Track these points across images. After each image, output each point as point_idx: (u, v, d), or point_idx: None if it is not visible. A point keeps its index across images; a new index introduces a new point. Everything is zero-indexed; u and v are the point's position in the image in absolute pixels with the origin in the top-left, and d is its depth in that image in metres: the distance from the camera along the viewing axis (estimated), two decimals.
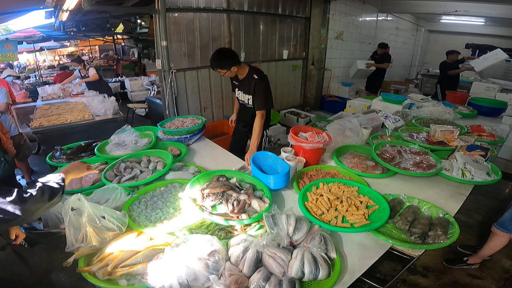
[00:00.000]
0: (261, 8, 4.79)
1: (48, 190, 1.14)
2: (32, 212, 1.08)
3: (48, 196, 1.12)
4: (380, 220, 1.41)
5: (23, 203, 1.04)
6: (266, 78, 2.36)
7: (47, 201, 1.12)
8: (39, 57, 11.84)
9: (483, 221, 2.86)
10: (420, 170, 1.89)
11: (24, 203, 1.04)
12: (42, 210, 1.13)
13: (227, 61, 2.22)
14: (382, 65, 6.11)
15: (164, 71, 3.78)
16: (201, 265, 1.06)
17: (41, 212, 1.14)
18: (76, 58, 5.64)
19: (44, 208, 1.13)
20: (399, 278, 2.18)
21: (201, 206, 1.49)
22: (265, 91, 2.31)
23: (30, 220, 1.14)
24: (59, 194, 1.17)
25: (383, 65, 6.11)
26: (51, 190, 1.14)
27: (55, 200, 1.15)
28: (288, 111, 5.52)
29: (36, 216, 1.13)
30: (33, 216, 1.11)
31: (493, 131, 2.69)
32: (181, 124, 2.56)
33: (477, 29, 8.83)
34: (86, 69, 5.42)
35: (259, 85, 2.29)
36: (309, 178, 1.86)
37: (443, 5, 6.35)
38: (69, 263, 1.21)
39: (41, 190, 1.11)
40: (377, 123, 2.78)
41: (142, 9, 5.42)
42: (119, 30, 10.12)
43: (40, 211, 1.13)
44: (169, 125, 2.57)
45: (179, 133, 2.43)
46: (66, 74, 7.32)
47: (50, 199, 1.13)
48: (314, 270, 1.10)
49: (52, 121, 3.20)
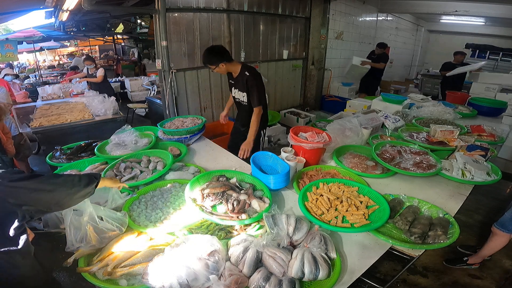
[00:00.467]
0: (261, 8, 4.79)
1: (85, 177, 1.21)
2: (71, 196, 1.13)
3: (85, 182, 1.18)
4: (380, 220, 1.41)
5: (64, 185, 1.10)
6: (259, 75, 2.41)
7: (83, 186, 1.17)
8: (39, 57, 11.84)
9: (483, 221, 2.86)
10: (420, 170, 1.89)
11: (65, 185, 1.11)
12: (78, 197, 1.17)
13: (216, 57, 2.28)
14: (377, 64, 5.83)
15: (164, 71, 3.78)
16: (201, 265, 1.06)
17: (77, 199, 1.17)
18: (89, 57, 5.74)
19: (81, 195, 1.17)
20: (399, 278, 2.18)
21: (201, 206, 1.49)
22: (258, 87, 2.35)
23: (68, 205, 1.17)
24: (94, 185, 1.22)
25: (378, 64, 5.83)
26: (88, 178, 1.21)
27: (90, 189, 1.20)
28: (288, 111, 5.52)
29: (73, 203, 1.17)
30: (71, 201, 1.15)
31: (493, 131, 2.69)
32: (181, 124, 2.56)
33: (477, 29, 8.83)
34: (96, 68, 5.47)
35: (251, 82, 2.34)
36: (309, 178, 1.86)
37: (443, 5, 6.35)
38: (69, 263, 1.21)
39: (78, 176, 1.19)
40: (377, 123, 2.78)
41: (142, 9, 5.42)
42: (119, 30, 10.12)
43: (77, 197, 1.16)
44: (169, 125, 2.57)
45: (179, 133, 2.43)
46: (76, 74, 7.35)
47: (86, 186, 1.18)
48: (314, 270, 1.10)
49: (52, 121, 3.21)
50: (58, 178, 1.15)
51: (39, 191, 1.04)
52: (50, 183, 1.08)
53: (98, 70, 5.39)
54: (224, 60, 2.29)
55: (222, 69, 2.34)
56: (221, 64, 2.29)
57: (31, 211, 1.04)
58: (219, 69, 2.34)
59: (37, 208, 1.06)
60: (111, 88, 5.83)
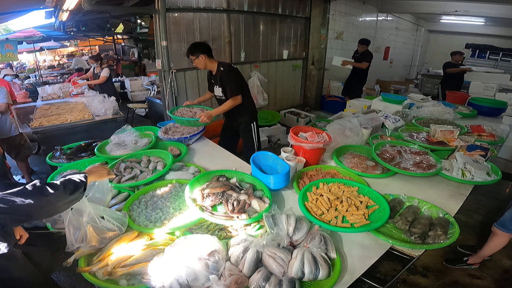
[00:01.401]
0: (261, 8, 4.80)
1: (70, 184, 1.14)
2: (54, 206, 1.09)
3: (70, 190, 1.12)
4: (380, 220, 1.41)
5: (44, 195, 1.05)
6: (234, 69, 2.58)
7: (68, 195, 1.11)
8: (39, 57, 11.84)
9: (483, 221, 2.86)
10: (420, 170, 1.89)
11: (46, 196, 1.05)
12: (64, 205, 1.13)
13: (198, 49, 2.49)
14: (359, 64, 5.29)
15: (164, 71, 3.78)
16: (201, 265, 1.06)
17: (63, 207, 1.14)
18: (95, 55, 5.67)
19: (66, 202, 1.13)
20: (399, 278, 2.18)
21: (201, 206, 1.49)
22: (231, 79, 2.50)
23: (52, 214, 1.14)
24: (80, 190, 1.17)
25: (360, 64, 5.28)
26: (73, 184, 1.15)
27: (76, 195, 1.15)
28: (288, 111, 5.52)
29: (59, 210, 1.14)
30: (55, 210, 1.12)
31: (493, 131, 2.69)
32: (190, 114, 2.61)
33: (477, 29, 8.84)
34: (101, 68, 5.36)
35: (225, 76, 2.52)
36: (309, 178, 1.86)
37: (443, 5, 6.35)
38: (69, 263, 1.21)
39: (63, 184, 1.11)
40: (377, 123, 2.78)
41: (142, 9, 5.42)
42: (119, 30, 10.12)
43: (63, 205, 1.12)
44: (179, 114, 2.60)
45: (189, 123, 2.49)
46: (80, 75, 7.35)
47: (71, 193, 1.13)
48: (314, 270, 1.10)
49: (52, 121, 3.20)
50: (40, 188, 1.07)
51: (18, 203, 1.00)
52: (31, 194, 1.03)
53: (103, 71, 5.28)
54: (204, 52, 2.49)
55: (201, 62, 2.52)
56: (201, 55, 2.48)
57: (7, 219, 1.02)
58: (199, 61, 2.52)
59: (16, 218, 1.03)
60: (114, 89, 5.71)
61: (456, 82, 5.60)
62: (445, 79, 5.87)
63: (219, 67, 2.56)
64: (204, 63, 2.54)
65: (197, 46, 2.51)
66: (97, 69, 5.39)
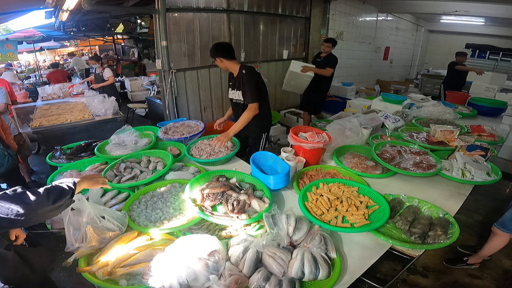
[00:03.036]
0: (261, 8, 4.80)
1: (55, 191, 1.10)
2: (36, 214, 1.04)
3: (54, 198, 1.08)
4: (380, 220, 1.41)
5: (26, 204, 1.01)
6: (255, 73, 2.41)
7: (51, 203, 1.07)
8: (39, 57, 11.85)
9: (483, 221, 2.86)
10: (420, 170, 1.89)
11: (28, 204, 1.01)
12: (47, 212, 1.09)
13: (218, 51, 2.37)
14: (323, 71, 4.17)
15: (164, 71, 3.78)
16: (201, 265, 1.06)
17: (48, 214, 1.10)
18: (94, 56, 5.55)
19: (49, 210, 1.08)
20: (399, 278, 2.18)
21: (201, 206, 1.49)
22: (251, 84, 2.34)
23: (35, 221, 1.09)
24: (66, 197, 1.12)
25: (324, 71, 4.17)
26: (58, 192, 1.10)
27: (61, 202, 1.11)
28: (288, 111, 5.52)
29: (42, 218, 1.10)
30: (38, 217, 1.08)
31: (493, 131, 2.69)
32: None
33: (477, 29, 8.84)
34: (102, 68, 5.22)
35: (245, 79, 2.36)
36: (309, 178, 1.86)
37: (443, 5, 6.34)
38: (69, 263, 1.21)
39: (46, 191, 1.07)
40: (377, 123, 2.78)
41: (142, 9, 5.42)
42: (119, 30, 10.12)
43: (45, 212, 1.08)
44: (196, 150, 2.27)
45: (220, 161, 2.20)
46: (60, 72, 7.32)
47: (55, 201, 1.08)
48: (314, 270, 1.10)
49: (52, 121, 3.21)
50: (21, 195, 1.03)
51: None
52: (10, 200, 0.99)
53: (105, 71, 5.15)
54: (223, 55, 2.36)
55: (221, 64, 2.41)
56: (218, 58, 2.37)
57: None
58: (219, 63, 2.42)
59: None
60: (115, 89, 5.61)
61: (458, 83, 5.59)
62: (448, 79, 5.86)
63: (241, 70, 2.40)
64: (224, 65, 2.42)
65: (217, 48, 2.39)
66: (99, 69, 5.28)
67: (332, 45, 4.22)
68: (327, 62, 4.21)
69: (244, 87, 2.37)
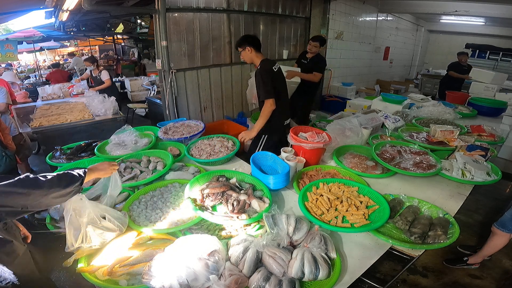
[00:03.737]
0: (261, 8, 4.79)
1: (66, 177, 1.14)
2: (48, 197, 1.07)
3: (65, 183, 1.12)
4: (380, 220, 1.41)
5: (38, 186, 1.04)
6: (266, 69, 2.36)
7: (62, 188, 1.10)
8: (39, 57, 11.85)
9: (483, 221, 2.86)
10: (420, 170, 1.89)
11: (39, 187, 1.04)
12: (57, 198, 1.11)
13: (246, 40, 2.38)
14: (309, 76, 3.67)
15: (164, 71, 3.78)
16: (201, 265, 1.06)
17: (58, 200, 1.13)
18: (90, 57, 5.43)
19: (60, 195, 1.11)
20: (399, 278, 2.18)
21: (201, 206, 1.49)
22: (260, 80, 2.33)
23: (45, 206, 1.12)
24: (76, 184, 1.16)
25: (311, 76, 3.67)
26: (69, 178, 1.14)
27: (71, 189, 1.14)
28: None
29: (52, 203, 1.13)
30: (49, 201, 1.10)
31: (493, 131, 2.69)
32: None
33: (477, 29, 8.83)
34: (99, 70, 5.15)
35: (257, 75, 2.37)
36: (309, 178, 1.86)
37: (443, 5, 6.34)
38: (69, 263, 1.21)
39: (58, 176, 1.11)
40: (377, 123, 2.78)
41: (142, 9, 5.42)
42: (119, 30, 10.12)
43: (56, 198, 1.11)
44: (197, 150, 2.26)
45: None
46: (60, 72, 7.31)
47: (66, 186, 1.11)
48: (314, 270, 1.10)
49: (52, 121, 3.21)
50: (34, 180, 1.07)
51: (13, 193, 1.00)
52: (25, 185, 1.03)
53: (102, 73, 5.09)
54: (251, 45, 2.36)
55: (248, 54, 2.40)
56: (247, 47, 2.36)
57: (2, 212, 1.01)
58: (245, 54, 2.41)
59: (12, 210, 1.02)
60: (116, 89, 5.54)
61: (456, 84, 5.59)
62: (446, 80, 5.87)
63: (260, 64, 2.40)
64: (250, 57, 2.41)
65: (246, 38, 2.41)
66: (95, 71, 5.18)
67: (320, 44, 3.74)
68: (315, 64, 3.74)
69: (257, 84, 2.38)
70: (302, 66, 3.89)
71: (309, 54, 3.86)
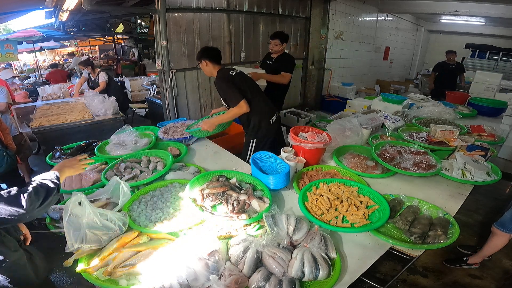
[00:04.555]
0: (261, 8, 4.80)
1: (42, 190, 1.11)
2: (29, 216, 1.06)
3: (43, 197, 1.09)
4: (380, 220, 1.41)
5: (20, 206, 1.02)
6: (222, 77, 2.34)
7: (40, 203, 1.08)
8: (39, 57, 11.84)
9: (483, 221, 2.86)
10: (420, 170, 1.89)
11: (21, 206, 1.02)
12: (38, 212, 1.10)
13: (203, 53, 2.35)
14: (277, 78, 3.21)
15: (164, 71, 3.78)
16: (201, 265, 1.06)
17: (39, 213, 1.11)
18: (84, 60, 5.16)
19: (40, 208, 1.09)
20: (399, 278, 2.18)
21: (201, 206, 1.49)
22: (222, 89, 2.34)
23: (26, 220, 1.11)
24: (53, 193, 1.14)
25: (278, 78, 3.21)
26: (44, 191, 1.11)
27: (50, 199, 1.13)
28: (288, 111, 5.51)
29: (34, 216, 1.11)
30: (31, 217, 1.09)
31: (493, 131, 2.69)
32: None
33: (477, 29, 8.84)
34: (96, 73, 4.94)
35: (217, 87, 2.38)
36: (309, 178, 1.86)
37: (443, 5, 6.34)
38: (69, 263, 1.21)
39: (35, 190, 1.08)
40: (377, 123, 2.78)
41: (142, 9, 5.43)
42: (119, 30, 10.13)
43: (36, 212, 1.09)
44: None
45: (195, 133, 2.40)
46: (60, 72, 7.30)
47: (44, 200, 1.10)
48: (314, 270, 1.10)
49: (52, 121, 3.20)
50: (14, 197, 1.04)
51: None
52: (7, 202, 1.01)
53: (99, 75, 4.89)
54: (207, 58, 2.33)
55: (205, 67, 2.39)
56: (204, 61, 2.34)
57: None
58: (203, 67, 2.40)
59: None
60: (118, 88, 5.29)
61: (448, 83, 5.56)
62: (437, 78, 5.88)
63: (217, 75, 2.36)
64: (207, 69, 2.37)
65: (202, 51, 2.35)
66: (93, 75, 4.97)
67: (281, 41, 3.25)
68: (281, 64, 3.27)
69: (221, 93, 2.37)
70: (267, 67, 3.41)
71: (273, 54, 3.40)
